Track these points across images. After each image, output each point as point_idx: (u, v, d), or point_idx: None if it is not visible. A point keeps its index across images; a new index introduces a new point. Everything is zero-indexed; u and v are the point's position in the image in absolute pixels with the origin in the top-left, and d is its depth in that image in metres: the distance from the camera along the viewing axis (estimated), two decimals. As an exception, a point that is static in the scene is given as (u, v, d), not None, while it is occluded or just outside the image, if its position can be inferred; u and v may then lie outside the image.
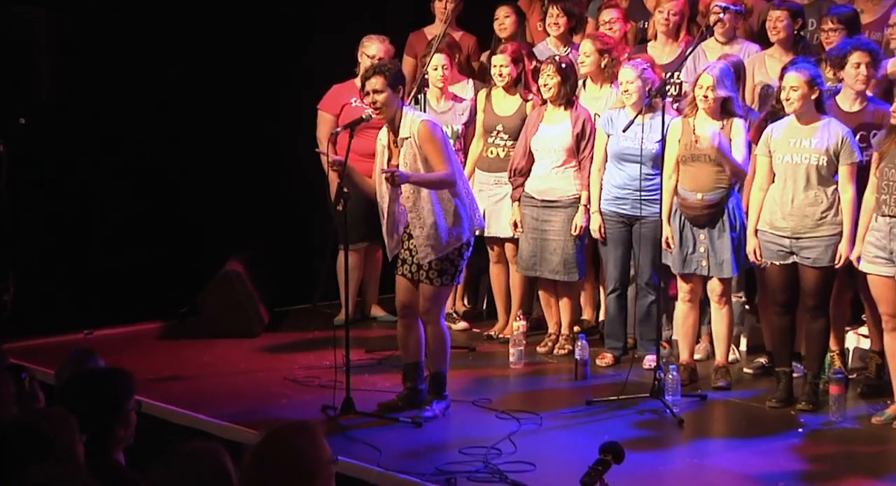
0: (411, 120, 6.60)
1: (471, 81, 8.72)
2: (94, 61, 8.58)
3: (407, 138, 6.59)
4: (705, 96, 7.18)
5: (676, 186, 7.34)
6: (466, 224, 6.71)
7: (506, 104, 8.26)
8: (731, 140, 7.20)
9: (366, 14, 9.14)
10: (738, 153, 7.17)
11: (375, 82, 6.59)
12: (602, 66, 7.99)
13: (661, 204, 7.29)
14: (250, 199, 9.14)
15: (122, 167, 8.77)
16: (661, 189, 7.29)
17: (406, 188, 6.62)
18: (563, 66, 7.85)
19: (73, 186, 8.62)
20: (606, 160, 7.74)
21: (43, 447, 3.86)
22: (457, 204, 6.65)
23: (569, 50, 8.48)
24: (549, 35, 8.68)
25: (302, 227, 9.31)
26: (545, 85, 7.86)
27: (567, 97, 7.88)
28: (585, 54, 8.01)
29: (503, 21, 8.76)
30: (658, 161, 7.40)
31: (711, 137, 7.09)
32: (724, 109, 7.24)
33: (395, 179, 6.48)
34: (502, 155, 8.21)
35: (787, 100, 6.91)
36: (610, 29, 8.29)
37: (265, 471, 3.79)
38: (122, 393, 4.46)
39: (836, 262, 6.90)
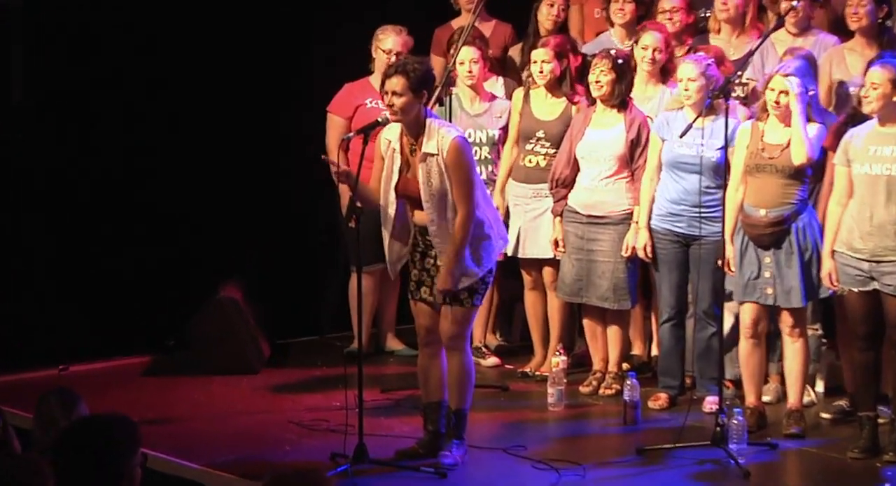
0: (440, 135, 6.59)
1: (501, 78, 8.72)
2: (74, 58, 8.60)
3: (434, 155, 6.59)
4: (777, 102, 7.15)
5: (743, 200, 7.31)
6: (494, 242, 6.72)
7: (547, 106, 8.25)
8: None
9: (369, 13, 9.13)
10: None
11: (396, 83, 6.56)
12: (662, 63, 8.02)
13: (723, 220, 7.25)
14: (248, 213, 9.14)
15: (103, 179, 8.78)
16: (723, 204, 7.26)
17: (430, 208, 6.61)
18: (620, 61, 7.84)
19: (46, 201, 8.64)
20: (660, 169, 7.71)
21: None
22: (483, 224, 6.67)
23: (634, 42, 8.40)
24: (612, 25, 8.64)
25: (307, 246, 9.31)
26: (597, 82, 7.84)
27: (621, 97, 7.87)
28: (657, 51, 7.95)
29: (560, 13, 8.70)
30: (720, 172, 7.37)
31: (793, 84, 7.04)
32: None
33: (447, 295, 6.60)
34: (542, 164, 8.20)
35: (866, 98, 6.91)
36: (670, 19, 8.26)
37: None
38: (126, 446, 4.40)
39: (923, 290, 6.86)
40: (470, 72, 8.37)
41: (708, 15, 8.44)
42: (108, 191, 8.79)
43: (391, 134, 6.75)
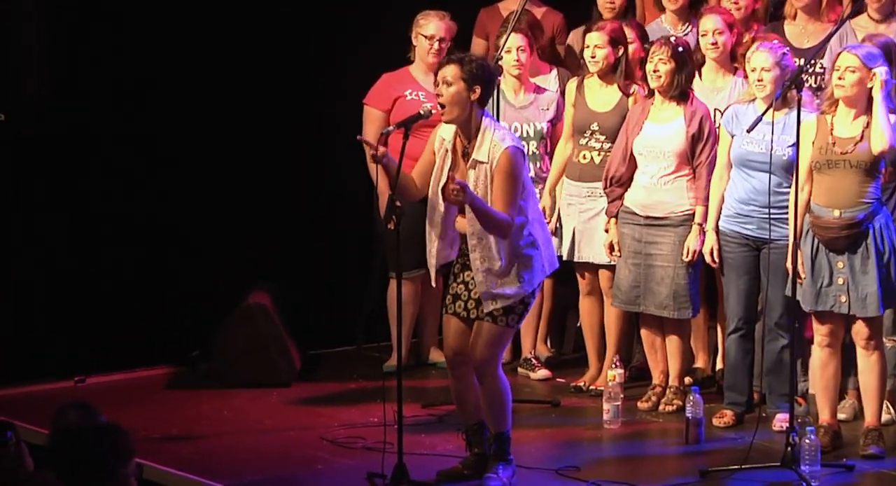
0: (493, 143, 6.58)
1: (555, 70, 8.72)
2: (93, 46, 8.64)
3: (483, 163, 6.57)
4: (841, 79, 7.09)
5: (808, 200, 7.25)
6: (538, 268, 6.68)
7: (602, 97, 8.27)
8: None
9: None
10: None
11: (448, 71, 6.58)
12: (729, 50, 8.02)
13: (792, 222, 7.24)
14: (278, 215, 9.18)
15: (122, 178, 8.81)
16: (791, 205, 7.23)
17: (472, 217, 6.56)
18: (680, 49, 7.83)
19: (63, 201, 8.67)
20: (730, 167, 7.67)
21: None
22: (529, 244, 6.63)
23: (689, 28, 8.46)
24: (663, 11, 8.64)
25: (343, 250, 9.33)
26: (654, 71, 7.83)
27: (681, 88, 7.86)
28: (717, 32, 7.97)
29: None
30: (791, 170, 7.33)
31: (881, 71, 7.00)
32: (871, 101, 7.13)
33: (459, 195, 6.40)
34: (597, 160, 8.21)
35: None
36: (735, 3, 8.24)
37: None
38: (116, 454, 4.45)
39: None
40: (518, 60, 8.38)
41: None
42: (129, 196, 8.82)
43: (446, 133, 6.74)
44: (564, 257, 8.20)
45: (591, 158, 8.21)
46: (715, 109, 7.90)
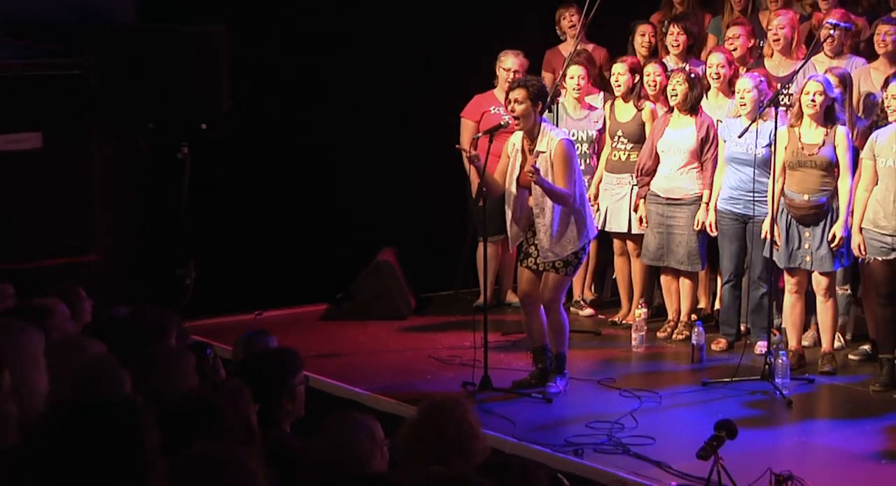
0: (550, 137, 6.65)
1: (602, 93, 8.63)
2: (266, 74, 8.71)
3: (543, 153, 6.63)
4: (812, 100, 7.05)
5: (783, 188, 7.20)
6: (582, 234, 6.72)
7: (624, 112, 8.22)
8: (834, 147, 7.08)
9: (502, 36, 9.12)
10: (842, 160, 7.04)
11: (518, 93, 6.66)
12: (728, 79, 7.91)
13: (769, 204, 7.18)
14: (402, 197, 9.20)
15: (289, 170, 8.86)
16: (770, 192, 7.17)
17: (537, 195, 6.63)
18: (692, 76, 7.80)
19: (248, 186, 8.73)
20: (726, 164, 7.65)
21: (214, 419, 3.82)
22: (575, 217, 6.68)
23: (686, 66, 8.27)
24: (667, 53, 8.53)
25: (447, 221, 9.30)
26: (672, 89, 7.78)
27: (692, 104, 7.78)
28: (720, 66, 7.88)
29: (651, 39, 8.56)
30: (765, 165, 7.31)
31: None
32: (827, 116, 7.10)
33: (534, 175, 6.50)
34: (624, 158, 8.17)
35: (889, 107, 6.86)
36: (731, 44, 8.13)
37: (426, 441, 3.76)
38: (288, 370, 4.48)
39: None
40: (578, 85, 8.34)
41: (762, 44, 8.32)
42: (299, 179, 8.86)
43: (516, 139, 6.81)
44: (599, 228, 8.13)
45: (619, 156, 8.15)
46: (717, 121, 7.80)
